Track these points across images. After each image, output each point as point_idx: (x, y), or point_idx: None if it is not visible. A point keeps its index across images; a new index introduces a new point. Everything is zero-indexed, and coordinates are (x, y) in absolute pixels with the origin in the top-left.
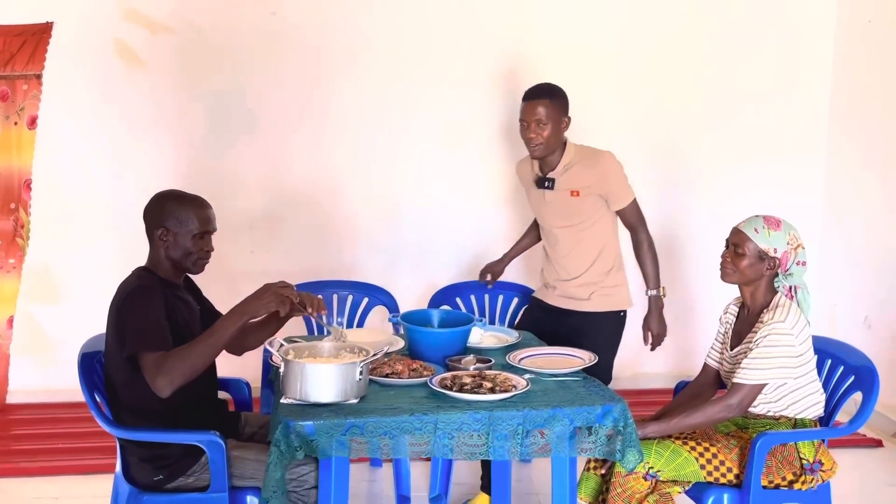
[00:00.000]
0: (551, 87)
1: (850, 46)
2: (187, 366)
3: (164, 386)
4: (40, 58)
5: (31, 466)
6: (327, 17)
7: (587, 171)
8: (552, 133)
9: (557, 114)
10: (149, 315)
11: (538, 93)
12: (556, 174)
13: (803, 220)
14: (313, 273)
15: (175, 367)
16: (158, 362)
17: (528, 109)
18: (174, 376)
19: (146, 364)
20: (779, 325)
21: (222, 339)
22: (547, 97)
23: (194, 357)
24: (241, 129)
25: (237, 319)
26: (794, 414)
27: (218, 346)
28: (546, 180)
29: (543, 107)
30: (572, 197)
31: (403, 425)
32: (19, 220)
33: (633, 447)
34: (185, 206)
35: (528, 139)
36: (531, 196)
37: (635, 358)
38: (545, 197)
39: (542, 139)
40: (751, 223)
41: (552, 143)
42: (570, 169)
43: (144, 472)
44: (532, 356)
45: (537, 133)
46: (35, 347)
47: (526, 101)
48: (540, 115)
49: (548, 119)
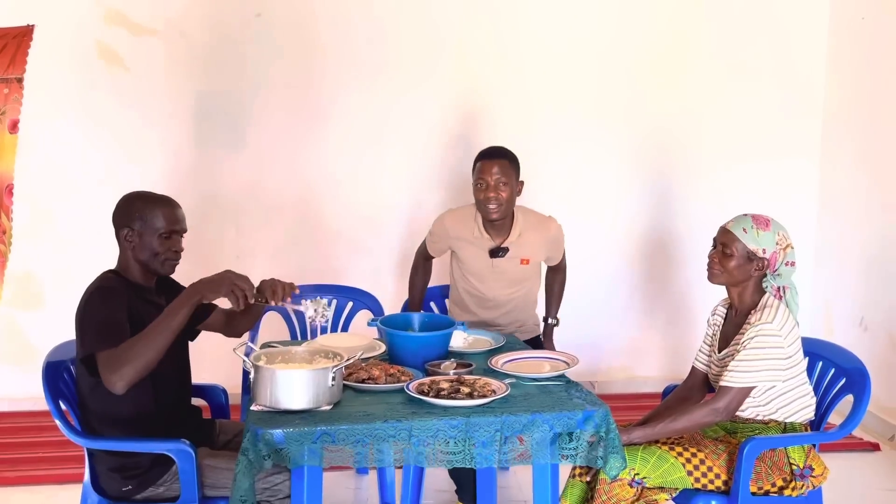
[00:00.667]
0: (507, 149)
1: (844, 44)
2: (138, 356)
3: (116, 381)
4: (21, 61)
5: (10, 476)
6: (312, 20)
7: (539, 239)
8: (510, 195)
9: (515, 175)
10: (105, 314)
11: (499, 153)
12: (510, 242)
13: (797, 219)
14: (299, 277)
15: (125, 359)
16: (109, 357)
17: (487, 168)
18: (125, 369)
19: (100, 362)
20: (766, 325)
21: (172, 325)
22: (506, 158)
23: (143, 346)
24: (225, 133)
25: (186, 301)
26: (784, 418)
27: (169, 333)
28: (500, 250)
29: (503, 167)
30: (521, 265)
31: (377, 433)
32: (1, 225)
33: (617, 453)
34: (150, 205)
35: (488, 199)
36: (471, 260)
37: (626, 362)
38: (494, 265)
39: (503, 200)
40: (739, 222)
41: (510, 206)
42: (522, 236)
43: (113, 482)
44: (515, 360)
45: (497, 193)
46: (17, 354)
47: (485, 160)
48: (501, 175)
49: (507, 179)
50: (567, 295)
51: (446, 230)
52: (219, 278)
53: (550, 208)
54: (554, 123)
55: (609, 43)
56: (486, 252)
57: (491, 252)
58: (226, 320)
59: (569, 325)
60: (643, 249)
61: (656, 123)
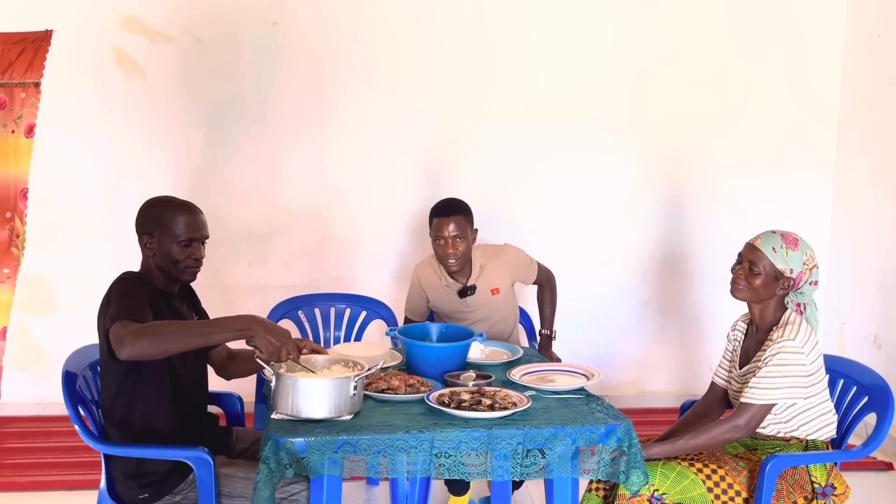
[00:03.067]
0: (459, 202)
1: (860, 61)
2: (161, 337)
3: (127, 344)
4: (39, 66)
5: (20, 481)
6: (329, 28)
7: (498, 267)
8: (467, 247)
9: (469, 227)
10: (130, 293)
11: (451, 209)
12: (475, 279)
13: (811, 235)
14: (311, 286)
15: (149, 332)
16: (131, 326)
17: (442, 226)
18: (143, 341)
19: (117, 328)
20: (789, 343)
21: (209, 338)
22: (460, 213)
23: (171, 333)
24: (240, 140)
25: (234, 328)
26: (805, 435)
27: (200, 340)
28: (468, 289)
29: (457, 222)
30: (493, 296)
31: (398, 443)
32: (14, 229)
33: (638, 468)
34: (171, 211)
35: (447, 255)
36: (444, 304)
37: (640, 376)
38: (467, 303)
39: (460, 254)
40: (768, 241)
41: (467, 255)
42: (484, 269)
43: (130, 489)
44: (533, 372)
45: (455, 248)
46: (28, 359)
47: (440, 218)
48: (455, 231)
49: (462, 233)
50: (577, 307)
51: (421, 280)
52: (280, 337)
53: (561, 219)
54: (564, 134)
55: (623, 53)
56: (456, 293)
57: (460, 293)
58: (226, 359)
59: (578, 337)
60: (654, 262)
61: (668, 136)
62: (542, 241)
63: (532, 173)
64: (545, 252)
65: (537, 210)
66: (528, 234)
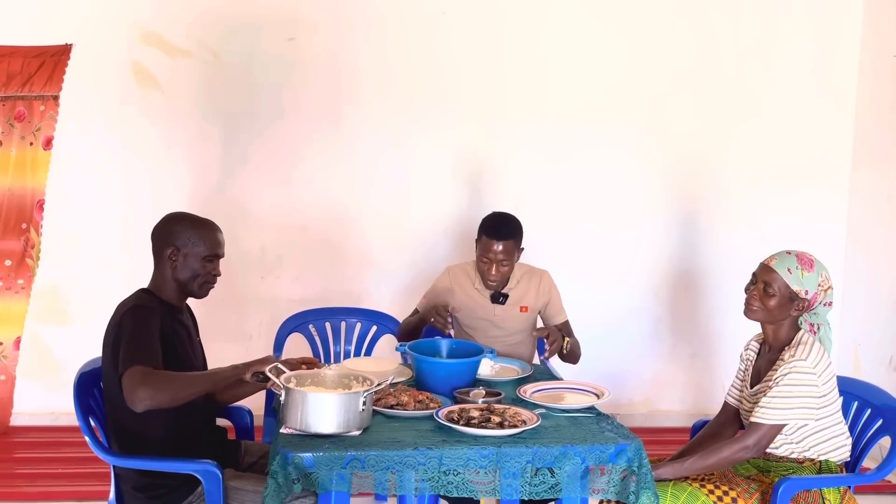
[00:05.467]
0: (512, 224)
1: (876, 80)
2: (174, 390)
3: (144, 398)
4: (58, 79)
5: (31, 491)
6: (344, 45)
7: (533, 286)
8: (510, 270)
9: (517, 249)
10: (143, 333)
11: (505, 233)
12: (509, 289)
13: (826, 255)
14: (322, 299)
15: (162, 384)
16: (145, 374)
17: (491, 248)
18: (158, 393)
19: (132, 374)
20: (800, 363)
21: (217, 384)
22: (511, 237)
23: (184, 384)
24: (254, 154)
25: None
26: (818, 456)
27: (208, 387)
28: (501, 295)
29: (506, 247)
30: (521, 312)
31: (407, 460)
32: (30, 240)
33: (649, 489)
34: (196, 227)
35: (490, 274)
36: (469, 310)
37: (651, 395)
38: (496, 311)
39: (501, 275)
40: (783, 262)
41: (507, 277)
42: (520, 283)
43: (138, 501)
44: (543, 390)
45: (498, 271)
46: (42, 369)
47: (490, 239)
48: (502, 255)
49: (508, 258)
50: (589, 323)
51: (450, 284)
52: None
53: (574, 234)
54: (578, 148)
55: (637, 68)
56: (488, 299)
57: (492, 297)
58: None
59: (590, 354)
60: (668, 279)
61: (683, 154)
62: (555, 256)
63: (545, 188)
64: (559, 268)
65: (551, 224)
66: (540, 249)
